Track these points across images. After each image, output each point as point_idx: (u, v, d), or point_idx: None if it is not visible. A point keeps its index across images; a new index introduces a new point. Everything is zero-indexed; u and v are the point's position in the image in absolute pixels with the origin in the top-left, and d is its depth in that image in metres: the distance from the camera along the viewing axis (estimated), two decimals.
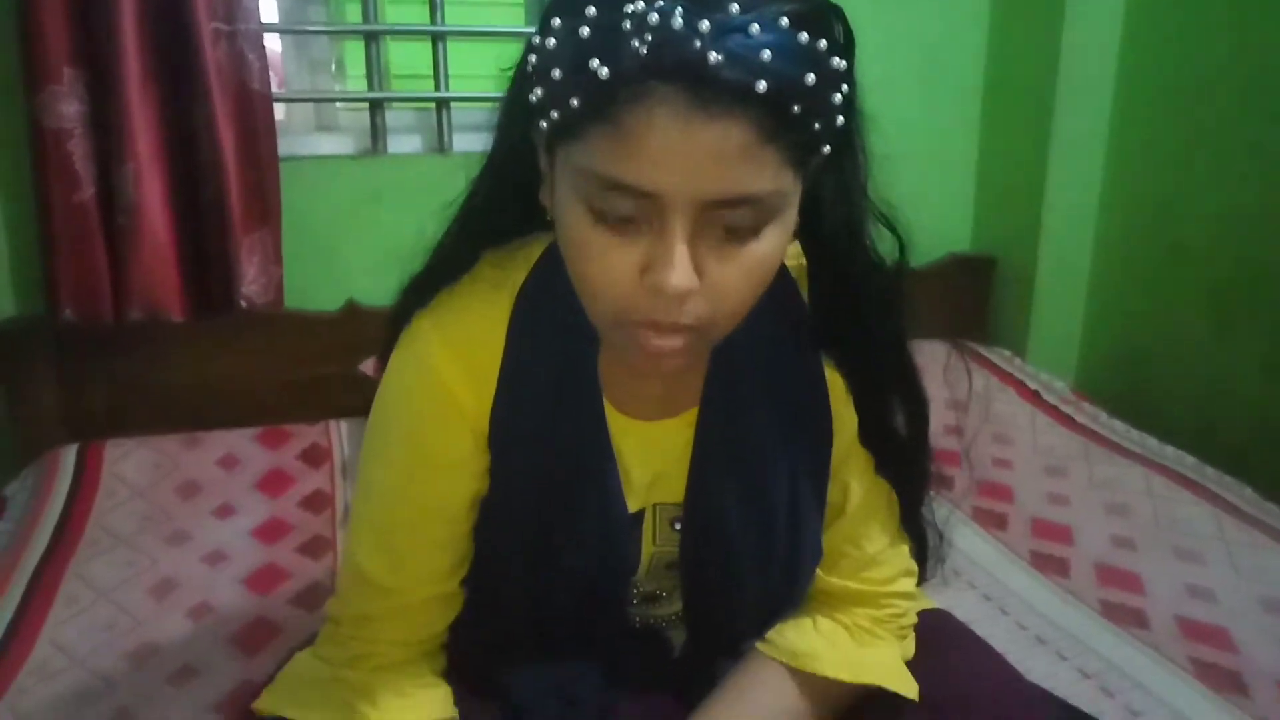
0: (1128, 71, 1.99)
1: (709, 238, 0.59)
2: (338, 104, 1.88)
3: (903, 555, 0.84)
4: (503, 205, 0.72)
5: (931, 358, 0.80)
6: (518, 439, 0.73)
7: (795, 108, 0.55)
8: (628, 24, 0.54)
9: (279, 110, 1.68)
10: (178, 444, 1.59)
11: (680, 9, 0.53)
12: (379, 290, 1.75)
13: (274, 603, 1.24)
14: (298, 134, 1.80)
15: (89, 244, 1.55)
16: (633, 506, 0.78)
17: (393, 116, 1.82)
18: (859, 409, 0.78)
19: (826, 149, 0.61)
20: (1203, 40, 1.84)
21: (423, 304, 0.73)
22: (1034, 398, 1.87)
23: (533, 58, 0.60)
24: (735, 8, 0.53)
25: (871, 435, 0.79)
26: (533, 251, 0.74)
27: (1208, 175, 1.86)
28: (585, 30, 0.55)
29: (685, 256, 0.58)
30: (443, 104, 1.80)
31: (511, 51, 0.67)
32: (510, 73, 0.67)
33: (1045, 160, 2.03)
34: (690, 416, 0.76)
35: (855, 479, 0.81)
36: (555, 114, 0.58)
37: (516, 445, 0.73)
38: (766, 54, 0.53)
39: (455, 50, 1.82)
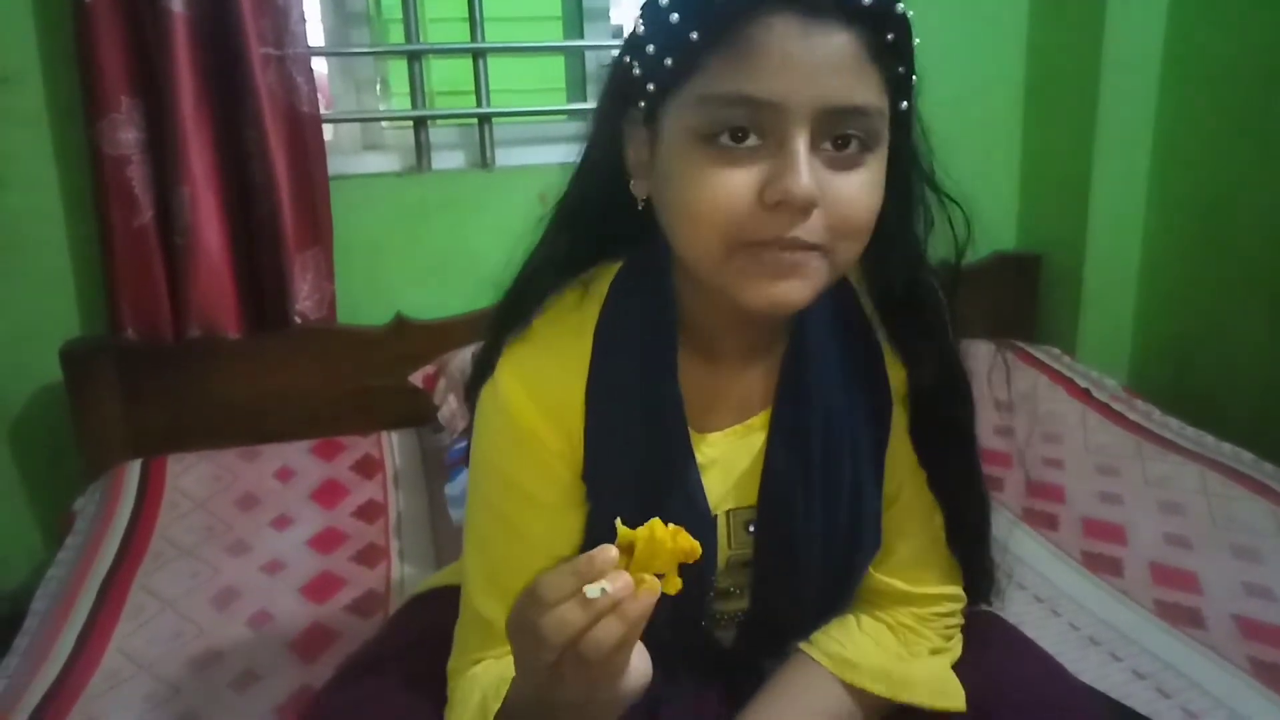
0: (1173, 62, 1.96)
1: (821, 159, 0.62)
2: (383, 123, 1.93)
3: (945, 559, 0.84)
4: (596, 203, 0.74)
5: (978, 358, 0.80)
6: (609, 463, 0.74)
7: (890, 34, 0.61)
8: None
9: (327, 130, 1.72)
10: (236, 457, 1.64)
11: None
12: (426, 303, 1.80)
13: (330, 610, 1.28)
14: (345, 153, 1.84)
15: (149, 266, 1.61)
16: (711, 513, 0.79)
17: (436, 133, 1.85)
18: (912, 405, 0.78)
19: (904, 104, 0.65)
20: (1248, 26, 1.81)
21: (520, 320, 0.74)
22: (1084, 396, 1.85)
23: (640, 28, 0.65)
24: None
25: (923, 439, 0.80)
26: (605, 278, 0.76)
27: (1258, 164, 1.82)
28: None
29: (810, 164, 0.60)
30: (484, 120, 1.83)
31: (551, 65, 0.71)
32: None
33: (1090, 155, 2.00)
34: (761, 419, 0.78)
35: (906, 480, 0.81)
36: (670, 60, 0.63)
37: (608, 469, 0.75)
38: None
39: (496, 65, 1.86)
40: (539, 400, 0.73)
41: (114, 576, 1.33)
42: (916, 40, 0.64)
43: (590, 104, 1.97)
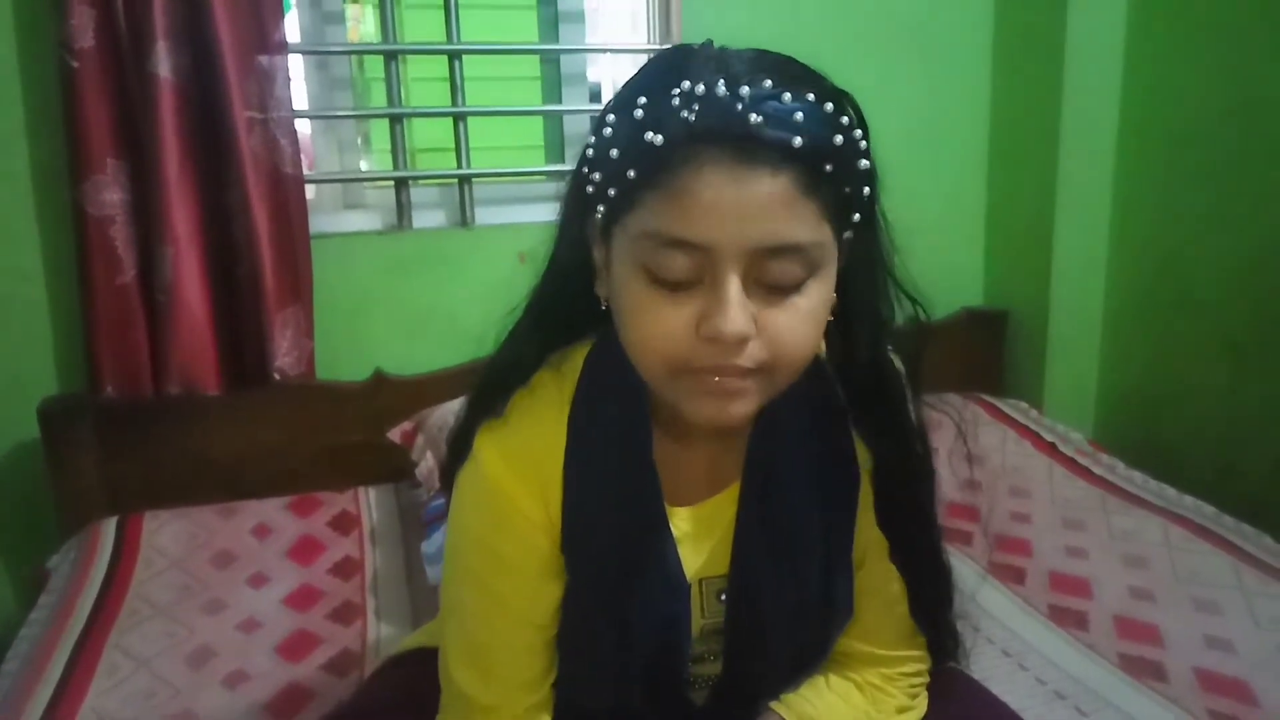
0: (1130, 122, 2.04)
1: (759, 291, 0.64)
2: (364, 182, 1.96)
3: (911, 623, 0.86)
4: (565, 302, 0.76)
5: (948, 410, 0.84)
6: (588, 536, 0.77)
7: (828, 166, 0.62)
8: (677, 99, 0.61)
9: (309, 190, 1.75)
10: (213, 514, 1.64)
11: (722, 81, 0.61)
12: (405, 360, 1.83)
13: (306, 669, 1.28)
14: (327, 212, 1.88)
15: (130, 324, 1.63)
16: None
17: (417, 193, 1.89)
18: (875, 483, 0.81)
19: (857, 216, 0.67)
20: (1203, 88, 1.88)
21: (493, 410, 0.77)
22: (1051, 450, 1.89)
23: (589, 152, 0.67)
24: (769, 82, 0.61)
25: (884, 513, 0.82)
26: (580, 355, 0.79)
27: (1214, 221, 1.89)
28: (639, 112, 0.63)
29: (740, 303, 0.62)
30: (464, 180, 1.87)
31: (530, 125, 0.73)
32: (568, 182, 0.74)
33: (1053, 212, 2.07)
34: (732, 493, 0.80)
35: (871, 546, 0.83)
36: (613, 191, 0.65)
37: (587, 542, 0.77)
38: (799, 115, 0.61)
39: (476, 125, 1.91)
40: (519, 473, 0.75)
41: (88, 635, 1.33)
42: (864, 148, 0.65)
43: (567, 165, 2.03)
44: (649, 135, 0.61)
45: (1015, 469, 1.82)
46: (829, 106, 0.62)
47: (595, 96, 2.09)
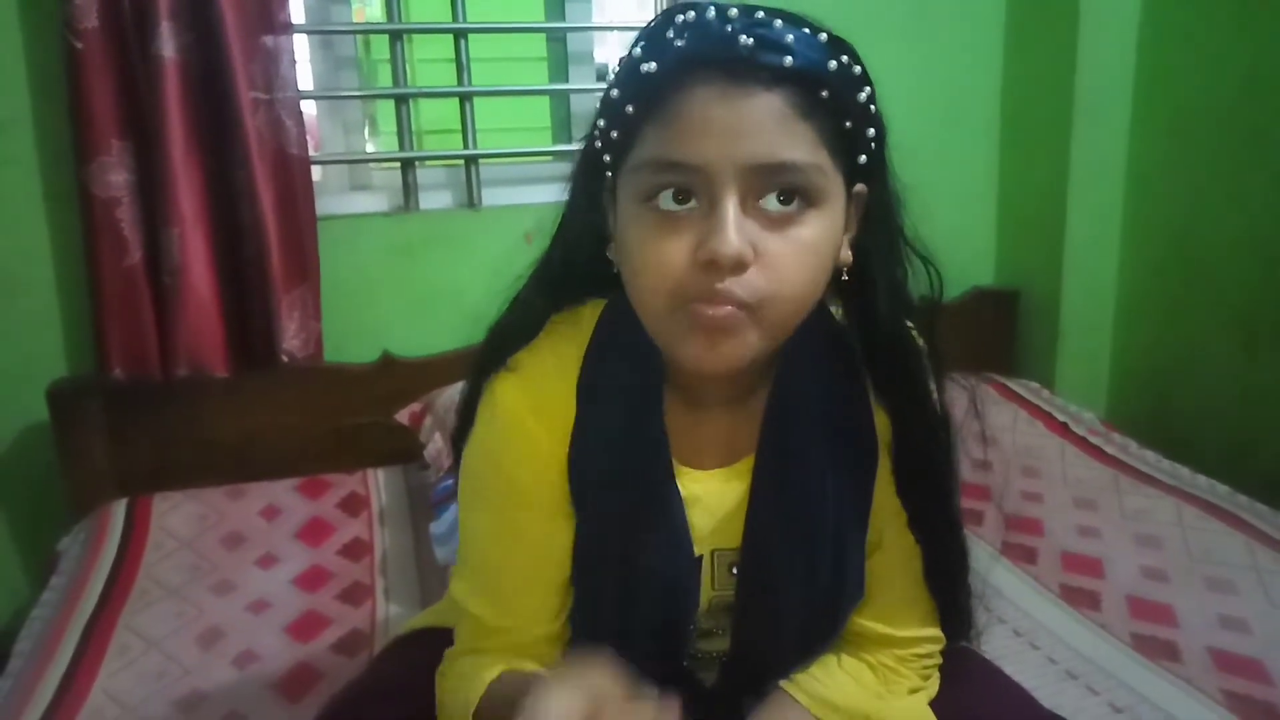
0: (1143, 99, 2.02)
1: (757, 219, 0.63)
2: (371, 164, 1.95)
3: (926, 602, 0.85)
4: (574, 267, 0.77)
5: (958, 393, 0.82)
6: (593, 484, 0.77)
7: (823, 91, 0.63)
8: (671, 32, 0.64)
9: (315, 171, 1.74)
10: (222, 496, 1.64)
11: (714, 8, 0.63)
12: (412, 341, 1.82)
13: (316, 650, 1.28)
14: (333, 193, 1.87)
15: (137, 306, 1.62)
16: (695, 551, 0.81)
17: (424, 174, 1.88)
18: (896, 452, 0.80)
19: (863, 159, 0.66)
20: (1217, 64, 1.86)
21: (499, 365, 0.77)
22: (1063, 430, 1.87)
23: (598, 106, 0.69)
24: (762, 13, 0.63)
25: (905, 483, 0.81)
26: (596, 309, 0.79)
27: (1228, 199, 1.87)
28: (638, 50, 0.65)
29: (737, 224, 0.62)
30: (471, 161, 1.86)
31: (537, 105, 0.75)
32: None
33: (1065, 191, 2.04)
34: (747, 464, 0.80)
35: (888, 525, 0.82)
36: (616, 133, 0.66)
37: (592, 490, 0.77)
38: (790, 38, 0.62)
39: (483, 105, 1.89)
40: (536, 406, 0.76)
41: (99, 617, 1.34)
42: (866, 91, 0.65)
43: (575, 145, 2.01)
44: (644, 66, 0.63)
45: (1027, 449, 1.80)
46: (823, 36, 0.64)
47: (602, 76, 2.07)
